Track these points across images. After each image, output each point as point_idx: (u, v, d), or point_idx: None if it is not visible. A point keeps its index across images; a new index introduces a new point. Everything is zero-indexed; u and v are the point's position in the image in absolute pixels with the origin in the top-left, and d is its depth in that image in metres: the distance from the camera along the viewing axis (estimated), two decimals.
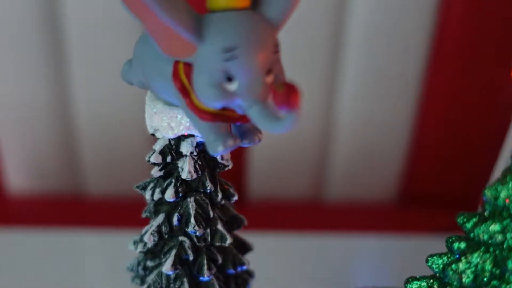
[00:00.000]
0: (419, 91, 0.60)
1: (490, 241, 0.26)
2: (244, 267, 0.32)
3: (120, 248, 0.54)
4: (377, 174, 0.65)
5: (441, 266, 0.28)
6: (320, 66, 0.59)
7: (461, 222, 0.27)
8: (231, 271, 0.31)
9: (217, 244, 0.30)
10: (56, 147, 0.63)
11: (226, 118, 0.23)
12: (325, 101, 0.61)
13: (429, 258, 0.29)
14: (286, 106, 0.20)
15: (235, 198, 0.30)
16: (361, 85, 0.59)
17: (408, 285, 0.29)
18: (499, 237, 0.25)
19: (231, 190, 0.30)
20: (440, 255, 0.28)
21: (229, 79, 0.21)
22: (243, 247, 0.33)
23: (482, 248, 0.26)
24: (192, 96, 0.23)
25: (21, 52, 0.57)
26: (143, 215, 0.31)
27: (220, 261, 0.30)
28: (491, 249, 0.26)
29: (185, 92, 0.23)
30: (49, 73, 0.58)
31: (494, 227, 0.25)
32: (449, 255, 0.28)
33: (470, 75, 0.58)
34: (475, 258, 0.26)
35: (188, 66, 0.23)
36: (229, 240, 0.29)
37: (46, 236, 0.58)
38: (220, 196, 0.29)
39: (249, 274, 0.33)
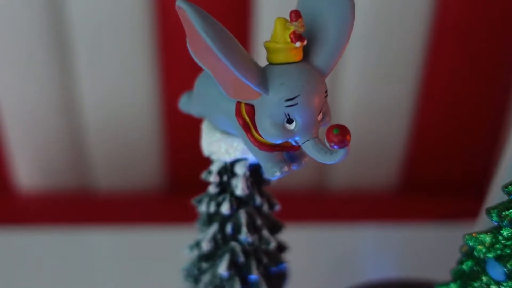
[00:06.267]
0: (420, 79, 0.61)
1: None
2: (284, 265, 0.37)
3: (129, 244, 0.56)
4: (379, 163, 0.67)
5: None
6: None
7: None
8: (274, 269, 0.36)
9: (263, 247, 0.34)
10: (65, 145, 0.64)
11: (281, 148, 0.28)
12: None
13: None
14: (341, 145, 0.24)
15: (278, 207, 0.35)
16: (362, 75, 0.60)
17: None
18: None
19: (274, 201, 0.35)
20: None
21: (289, 121, 0.26)
22: (281, 247, 0.37)
23: None
24: (253, 131, 0.28)
25: (28, 51, 0.57)
26: (198, 223, 0.35)
27: (265, 261, 0.35)
28: None
29: (247, 128, 0.28)
30: (56, 72, 0.59)
31: None
32: None
33: (471, 62, 0.59)
34: None
35: (250, 106, 0.27)
36: (273, 244, 0.34)
37: (56, 232, 0.58)
38: (266, 207, 0.34)
39: (287, 271, 0.38)
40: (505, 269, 0.28)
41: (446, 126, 0.64)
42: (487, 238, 0.29)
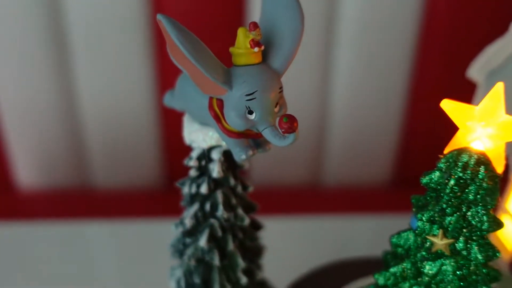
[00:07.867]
0: (411, 77, 0.63)
1: None
2: (258, 241, 0.42)
3: (128, 239, 0.59)
4: (371, 159, 0.69)
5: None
6: (314, 56, 0.61)
7: None
8: (249, 243, 0.41)
9: (238, 224, 0.40)
10: (64, 143, 0.65)
11: (247, 135, 0.34)
12: (320, 90, 0.64)
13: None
14: (289, 130, 0.30)
15: (251, 189, 0.40)
16: (354, 73, 0.62)
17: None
18: None
19: (248, 183, 0.40)
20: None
21: (250, 112, 0.32)
22: (256, 226, 0.43)
23: None
24: (223, 121, 0.33)
25: (27, 50, 0.58)
26: (182, 203, 0.41)
27: (241, 236, 0.40)
28: None
29: (218, 118, 0.33)
30: (55, 70, 0.60)
31: None
32: None
33: (460, 58, 0.59)
34: None
35: (220, 101, 0.33)
36: (247, 221, 0.40)
37: (56, 228, 0.59)
38: (239, 188, 0.39)
39: (261, 246, 0.43)
40: (416, 218, 0.34)
41: (438, 121, 0.64)
42: (423, 200, 0.35)
